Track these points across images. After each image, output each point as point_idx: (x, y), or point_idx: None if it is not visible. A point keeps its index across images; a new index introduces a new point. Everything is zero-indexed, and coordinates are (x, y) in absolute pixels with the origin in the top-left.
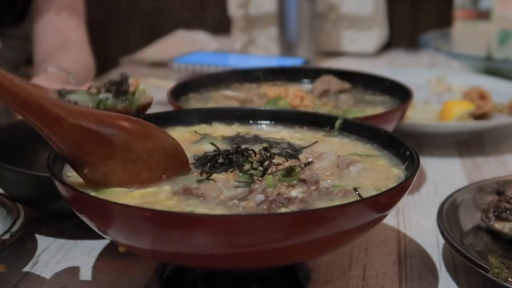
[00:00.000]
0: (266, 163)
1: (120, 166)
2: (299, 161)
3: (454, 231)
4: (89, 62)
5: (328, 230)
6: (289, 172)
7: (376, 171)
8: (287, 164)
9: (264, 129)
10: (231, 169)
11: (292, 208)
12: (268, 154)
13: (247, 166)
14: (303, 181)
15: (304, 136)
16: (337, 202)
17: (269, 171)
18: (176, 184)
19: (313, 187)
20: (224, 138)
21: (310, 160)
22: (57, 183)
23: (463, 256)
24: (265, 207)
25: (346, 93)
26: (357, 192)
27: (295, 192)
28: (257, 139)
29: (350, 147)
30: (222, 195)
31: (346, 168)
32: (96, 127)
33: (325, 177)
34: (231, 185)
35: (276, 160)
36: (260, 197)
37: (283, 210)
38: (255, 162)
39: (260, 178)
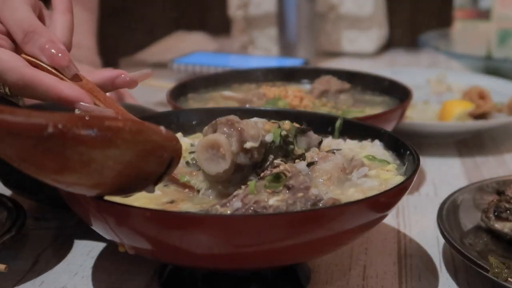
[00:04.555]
0: (267, 163)
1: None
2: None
3: (454, 231)
4: (97, 64)
5: (328, 230)
6: (277, 178)
7: (379, 179)
8: (274, 171)
9: None
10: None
11: None
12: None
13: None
14: (289, 188)
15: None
16: None
17: (261, 175)
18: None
19: (300, 194)
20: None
21: (316, 160)
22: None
23: (463, 256)
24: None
25: (345, 93)
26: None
27: (272, 201)
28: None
29: (371, 148)
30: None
31: (350, 172)
32: (36, 141)
33: (321, 183)
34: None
35: (276, 162)
36: (238, 204)
37: None
38: (245, 170)
39: (243, 186)
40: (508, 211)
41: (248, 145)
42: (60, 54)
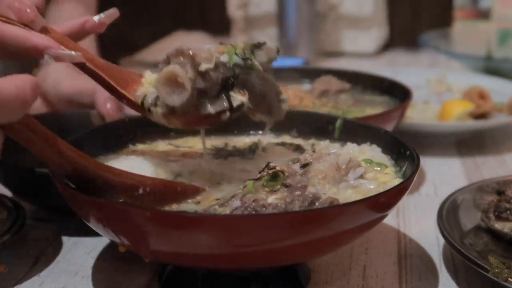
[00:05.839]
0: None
1: None
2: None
3: (454, 231)
4: None
5: (328, 230)
6: (274, 177)
7: (377, 181)
8: (272, 171)
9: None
10: None
11: None
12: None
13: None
14: (286, 186)
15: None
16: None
17: (259, 175)
18: None
19: (298, 193)
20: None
21: (310, 161)
22: (57, 183)
23: (463, 256)
24: (238, 213)
25: (345, 93)
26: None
27: (271, 199)
28: None
29: (370, 152)
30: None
31: (346, 174)
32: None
33: (317, 182)
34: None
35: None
36: (237, 203)
37: None
38: (210, 92)
39: (242, 186)
40: (508, 211)
41: (203, 67)
42: (28, 9)
